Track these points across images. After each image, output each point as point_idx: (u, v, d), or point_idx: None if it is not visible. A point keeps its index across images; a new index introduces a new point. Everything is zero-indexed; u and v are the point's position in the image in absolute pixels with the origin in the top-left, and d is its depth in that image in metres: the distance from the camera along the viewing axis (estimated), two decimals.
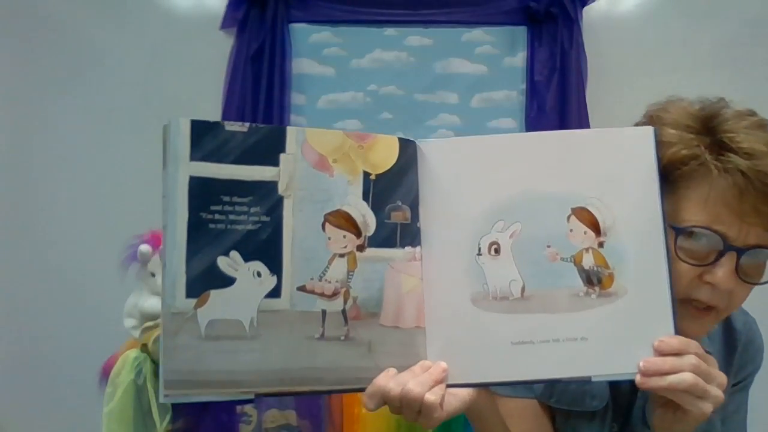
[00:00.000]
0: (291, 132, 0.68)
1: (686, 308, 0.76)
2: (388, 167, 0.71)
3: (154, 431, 1.36)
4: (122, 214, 1.97)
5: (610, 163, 0.71)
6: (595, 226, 0.71)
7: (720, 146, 0.75)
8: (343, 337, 0.68)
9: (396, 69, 2.06)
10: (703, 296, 0.75)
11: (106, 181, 2.03)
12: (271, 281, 0.66)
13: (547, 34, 2.02)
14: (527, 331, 0.70)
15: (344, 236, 0.69)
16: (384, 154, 0.71)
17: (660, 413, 0.74)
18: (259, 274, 0.66)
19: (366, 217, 0.70)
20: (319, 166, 0.69)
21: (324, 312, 0.67)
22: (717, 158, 0.74)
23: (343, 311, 0.68)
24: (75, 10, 2.04)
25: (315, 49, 2.06)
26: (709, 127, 0.77)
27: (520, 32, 2.05)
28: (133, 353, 1.38)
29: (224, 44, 2.03)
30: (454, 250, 0.71)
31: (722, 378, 0.68)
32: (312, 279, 0.68)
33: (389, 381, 0.66)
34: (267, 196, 0.67)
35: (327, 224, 0.68)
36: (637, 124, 0.81)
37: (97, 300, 1.85)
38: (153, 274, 1.39)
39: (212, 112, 2.00)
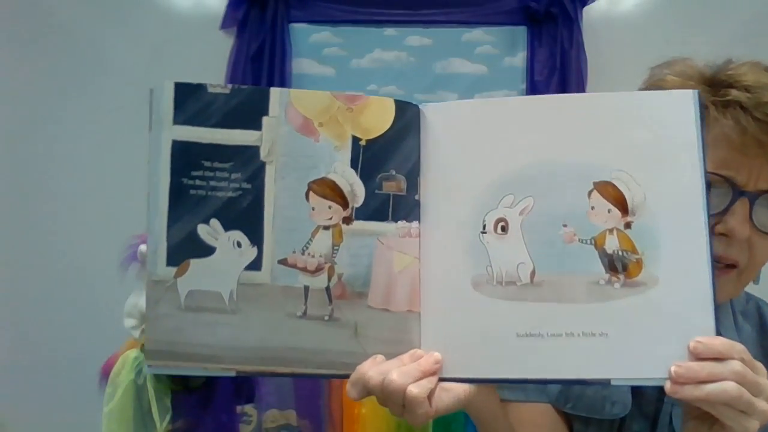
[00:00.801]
0: (275, 93, 0.63)
1: None
2: (381, 132, 0.64)
3: (154, 431, 1.36)
4: (122, 214, 1.96)
5: (643, 131, 0.61)
6: (621, 203, 0.60)
7: (719, 85, 0.71)
8: (327, 317, 0.62)
9: (396, 69, 2.03)
10: (720, 250, 0.68)
11: (107, 180, 1.99)
12: (251, 252, 0.63)
13: (547, 34, 1.99)
14: (536, 321, 0.60)
15: (329, 207, 0.63)
16: (377, 118, 0.64)
17: (693, 426, 0.62)
18: (239, 244, 0.62)
19: (354, 186, 0.63)
20: (304, 130, 0.64)
21: (306, 288, 0.62)
22: (714, 95, 0.70)
23: (327, 288, 0.63)
24: (75, 10, 2.02)
25: (315, 49, 2.03)
26: (713, 76, 0.73)
27: (520, 32, 2.03)
28: (133, 353, 1.36)
29: (224, 44, 2.01)
30: (456, 226, 0.62)
31: None
32: (294, 252, 0.63)
33: (371, 368, 0.59)
34: (249, 161, 0.63)
35: (311, 193, 0.63)
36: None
37: (97, 300, 1.84)
38: None
39: None
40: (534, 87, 2.00)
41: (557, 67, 1.99)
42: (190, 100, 0.63)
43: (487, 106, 0.65)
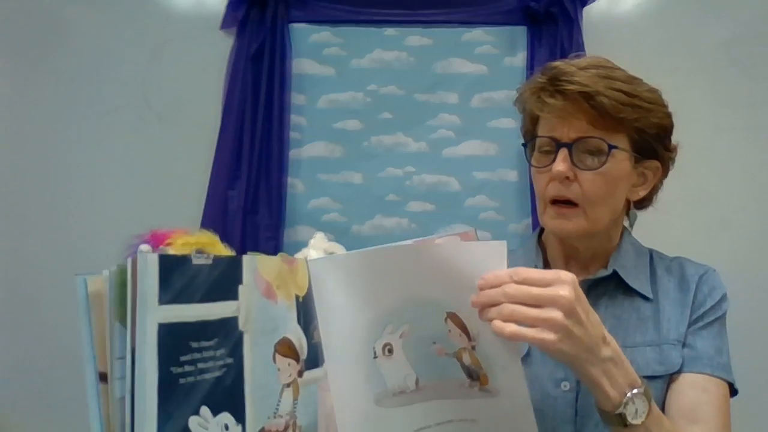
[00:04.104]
0: (246, 261, 0.61)
1: (552, 209, 0.89)
2: (307, 287, 0.69)
3: None
4: (123, 214, 1.96)
5: (469, 275, 0.71)
6: (465, 331, 0.73)
7: (553, 79, 0.88)
8: None
9: (396, 69, 2.02)
10: (558, 191, 0.88)
11: (106, 181, 2.00)
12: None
13: (547, 34, 1.97)
14: (425, 416, 0.74)
15: (288, 364, 0.65)
16: (303, 275, 0.69)
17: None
18: (226, 428, 0.57)
19: (301, 340, 0.67)
20: (267, 294, 0.64)
21: None
22: (552, 87, 0.88)
23: None
24: (75, 10, 2.00)
25: (315, 49, 2.02)
26: (553, 77, 0.90)
27: (520, 32, 2.01)
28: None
29: (224, 44, 1.99)
30: (353, 358, 0.72)
31: (559, 296, 0.65)
32: (268, 418, 0.62)
33: None
34: (230, 334, 0.59)
35: (277, 355, 0.64)
36: None
37: None
38: None
39: (212, 112, 1.97)
40: None
41: None
42: (175, 275, 0.54)
43: (360, 257, 0.73)
